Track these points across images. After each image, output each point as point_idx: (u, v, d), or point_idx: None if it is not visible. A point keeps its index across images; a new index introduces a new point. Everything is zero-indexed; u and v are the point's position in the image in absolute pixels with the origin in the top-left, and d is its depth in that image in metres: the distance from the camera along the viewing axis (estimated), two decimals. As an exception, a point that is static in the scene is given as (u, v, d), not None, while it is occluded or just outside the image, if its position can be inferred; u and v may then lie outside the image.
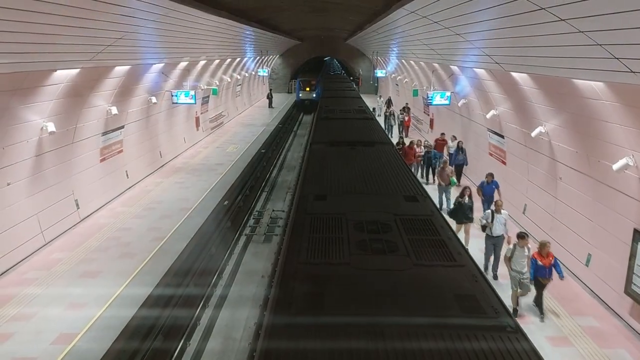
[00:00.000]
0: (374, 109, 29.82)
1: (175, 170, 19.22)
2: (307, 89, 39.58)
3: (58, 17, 8.01)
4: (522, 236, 8.84)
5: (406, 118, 25.80)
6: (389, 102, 32.94)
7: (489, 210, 10.33)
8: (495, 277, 10.22)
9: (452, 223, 11.61)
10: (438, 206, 13.16)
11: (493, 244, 10.25)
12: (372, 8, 16.43)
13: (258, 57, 36.82)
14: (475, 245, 11.06)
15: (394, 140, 18.94)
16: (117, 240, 11.99)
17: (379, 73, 36.33)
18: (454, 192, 13.92)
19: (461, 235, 10.98)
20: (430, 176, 17.47)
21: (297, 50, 46.37)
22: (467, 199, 11.53)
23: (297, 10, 21.03)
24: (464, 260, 4.67)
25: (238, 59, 30.74)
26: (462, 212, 11.48)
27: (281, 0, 17.55)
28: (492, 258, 10.38)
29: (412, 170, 15.50)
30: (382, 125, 22.09)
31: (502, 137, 14.44)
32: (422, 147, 17.86)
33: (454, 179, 14.42)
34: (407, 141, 19.23)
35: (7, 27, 7.24)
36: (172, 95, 19.09)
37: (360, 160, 9.16)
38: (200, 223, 13.15)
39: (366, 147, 10.49)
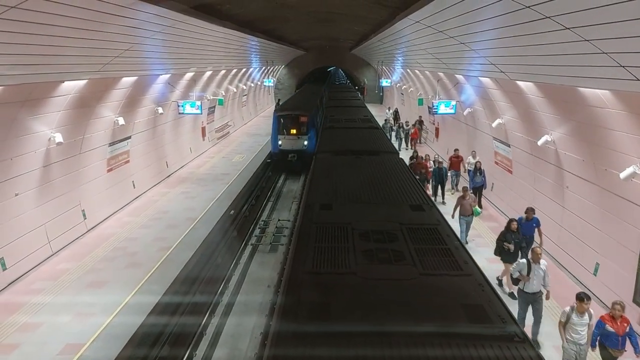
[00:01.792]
0: (385, 120, 29.41)
1: (181, 180, 19.28)
2: (293, 130, 21.39)
3: (66, 29, 8.11)
4: (581, 298, 6.85)
5: (412, 130, 25.55)
6: (396, 114, 31.94)
7: (524, 260, 8.11)
8: (538, 347, 7.95)
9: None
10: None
11: (528, 302, 8.10)
12: (377, 18, 16.51)
13: (264, 68, 37.04)
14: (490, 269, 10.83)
15: (404, 153, 18.51)
16: (124, 250, 12.02)
17: (384, 82, 36.42)
18: (480, 223, 13.46)
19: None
20: (439, 194, 15.97)
21: (302, 60, 46.63)
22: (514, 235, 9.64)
23: (302, 20, 21.15)
24: (470, 270, 4.65)
25: (244, 70, 30.97)
26: (512, 250, 9.59)
27: (286, 10, 17.67)
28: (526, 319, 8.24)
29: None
30: (389, 138, 21.42)
31: (508, 145, 14.40)
32: (432, 162, 16.66)
33: (478, 208, 12.67)
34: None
35: (15, 39, 7.34)
36: (179, 106, 19.23)
37: (365, 169, 9.16)
38: (207, 233, 13.18)
39: (371, 156, 10.49)
